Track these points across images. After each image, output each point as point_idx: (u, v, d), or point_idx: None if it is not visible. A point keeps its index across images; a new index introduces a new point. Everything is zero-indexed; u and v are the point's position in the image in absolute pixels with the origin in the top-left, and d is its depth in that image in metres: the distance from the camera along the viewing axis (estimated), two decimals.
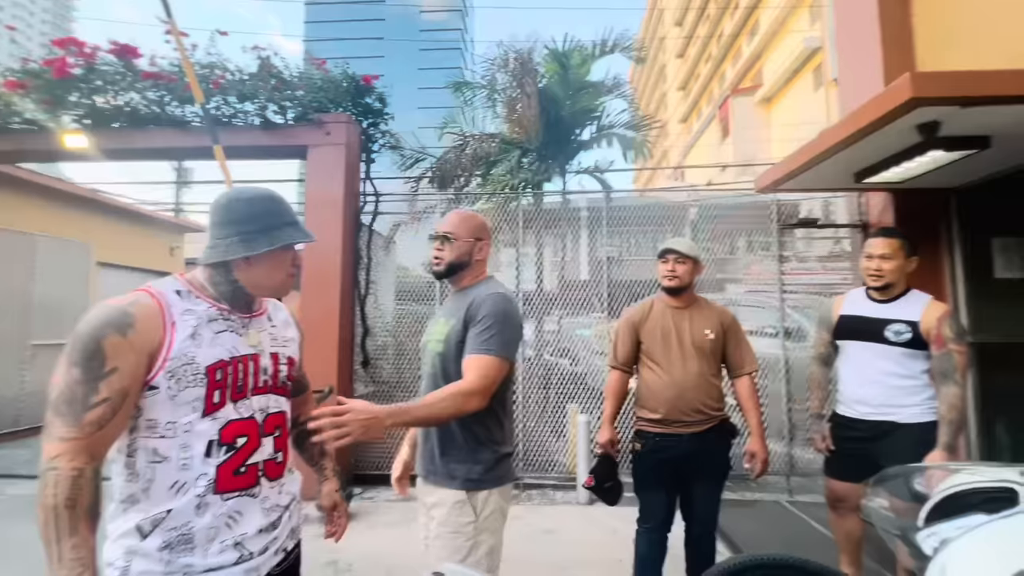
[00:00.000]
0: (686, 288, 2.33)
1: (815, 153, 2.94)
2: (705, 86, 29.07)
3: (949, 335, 2.11)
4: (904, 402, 2.20)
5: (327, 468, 1.49)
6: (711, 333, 2.29)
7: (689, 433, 2.24)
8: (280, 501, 1.18)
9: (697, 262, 2.32)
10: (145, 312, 1.02)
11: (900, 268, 2.25)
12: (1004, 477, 0.97)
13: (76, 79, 4.16)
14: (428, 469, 1.61)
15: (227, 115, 4.31)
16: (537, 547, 3.28)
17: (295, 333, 1.34)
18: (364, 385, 4.58)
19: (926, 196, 3.52)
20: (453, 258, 1.65)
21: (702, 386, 2.25)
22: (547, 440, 4.55)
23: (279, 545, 1.17)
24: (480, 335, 1.50)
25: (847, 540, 2.44)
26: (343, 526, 1.52)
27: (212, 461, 1.05)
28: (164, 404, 1.01)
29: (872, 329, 2.27)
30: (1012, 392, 3.52)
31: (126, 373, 0.97)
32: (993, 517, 0.87)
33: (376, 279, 4.63)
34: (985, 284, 3.49)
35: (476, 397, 1.43)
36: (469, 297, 1.59)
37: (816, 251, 4.70)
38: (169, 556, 1.00)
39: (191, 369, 1.03)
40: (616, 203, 5.04)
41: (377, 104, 4.58)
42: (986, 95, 2.17)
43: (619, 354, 2.42)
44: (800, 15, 18.57)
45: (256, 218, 1.11)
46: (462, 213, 1.74)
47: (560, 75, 5.85)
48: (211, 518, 1.04)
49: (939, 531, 0.93)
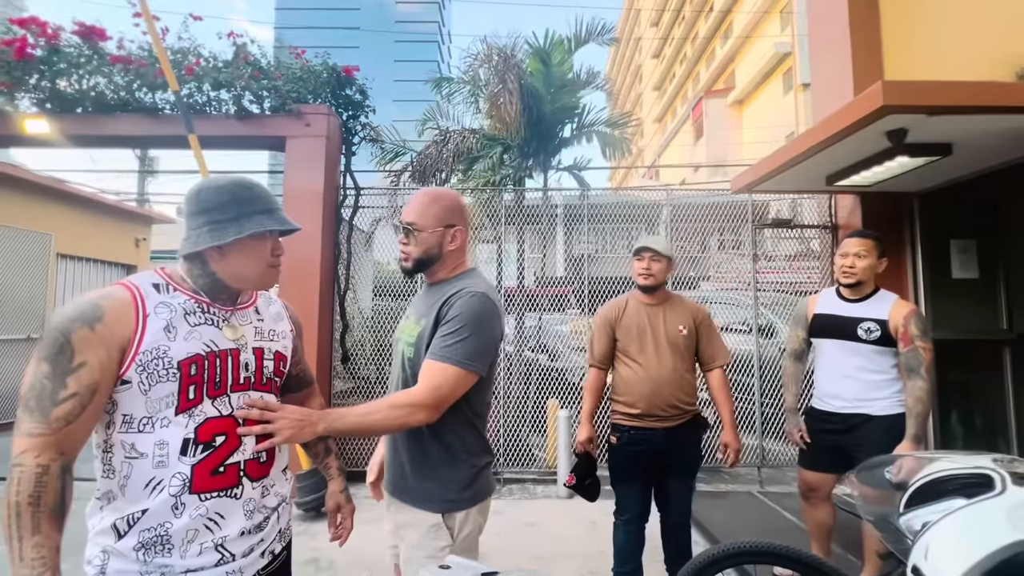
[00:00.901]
0: (660, 285, 2.39)
1: (790, 156, 3.05)
2: (680, 87, 29.59)
3: (915, 332, 2.24)
4: (875, 396, 2.33)
5: (332, 467, 1.43)
6: (684, 329, 2.35)
7: (663, 428, 2.30)
8: (267, 503, 1.14)
9: (671, 260, 2.37)
10: (116, 305, 0.99)
11: (871, 267, 2.38)
12: (979, 464, 1.05)
13: (37, 61, 3.95)
14: (397, 485, 1.42)
15: (200, 103, 4.18)
16: (519, 540, 3.32)
17: (288, 327, 1.29)
18: (343, 381, 4.52)
19: (891, 199, 3.70)
20: (419, 253, 1.41)
21: (677, 381, 2.31)
22: (527, 435, 4.59)
23: (265, 547, 1.14)
24: (444, 339, 1.30)
25: (819, 528, 2.56)
26: (348, 528, 1.45)
27: (187, 460, 1.01)
28: (137, 399, 0.99)
29: (844, 327, 2.40)
30: (965, 386, 3.76)
31: (95, 367, 0.94)
32: (971, 501, 0.95)
33: (354, 274, 4.58)
34: (943, 283, 3.70)
35: (424, 411, 1.25)
36: (444, 293, 1.38)
37: (783, 250, 4.86)
38: (145, 556, 0.98)
39: (163, 363, 1.00)
40: (592, 200, 5.10)
41: (358, 96, 4.51)
42: (951, 104, 2.30)
43: (596, 352, 2.46)
44: (771, 20, 19.08)
45: (225, 206, 1.07)
46: (429, 194, 1.46)
47: (542, 72, 5.88)
48: (189, 519, 1.01)
49: (920, 515, 1.00)
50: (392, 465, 1.46)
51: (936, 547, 0.87)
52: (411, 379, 1.37)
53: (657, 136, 31.71)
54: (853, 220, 3.89)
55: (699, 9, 25.75)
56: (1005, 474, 0.98)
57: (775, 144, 11.93)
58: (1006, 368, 3.71)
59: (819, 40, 4.22)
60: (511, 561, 2.93)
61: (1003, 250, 3.74)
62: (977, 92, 2.39)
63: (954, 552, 0.87)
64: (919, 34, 3.46)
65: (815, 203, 4.44)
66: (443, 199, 1.45)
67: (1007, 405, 3.70)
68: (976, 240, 3.74)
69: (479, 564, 0.91)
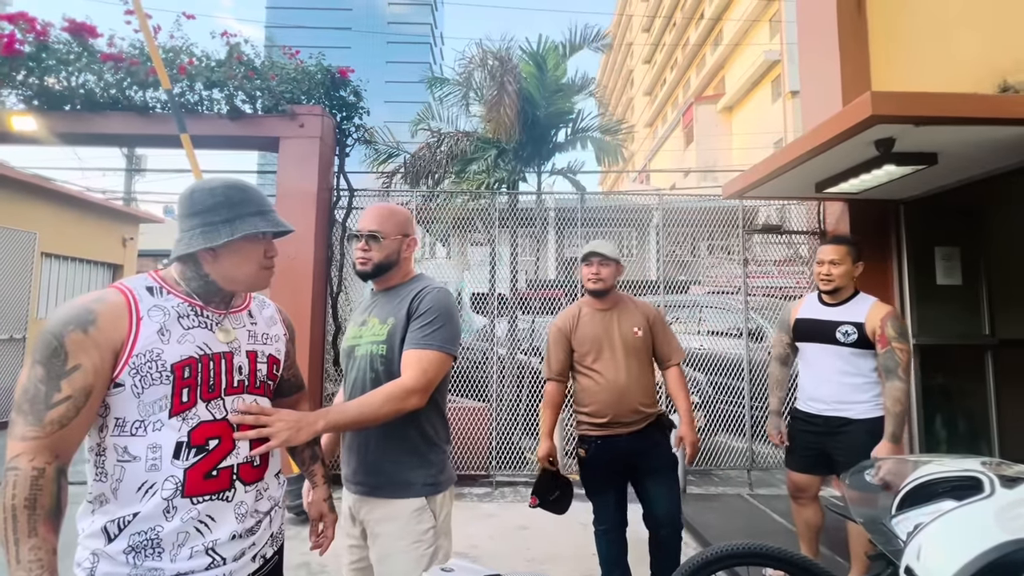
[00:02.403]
0: (610, 289, 2.38)
1: (780, 164, 3.11)
2: (671, 92, 29.89)
3: (892, 334, 2.30)
4: (855, 399, 2.38)
5: (317, 475, 1.43)
6: (639, 330, 2.34)
7: (628, 433, 2.28)
8: (259, 507, 1.14)
9: (619, 264, 2.37)
10: (109, 308, 0.99)
11: (848, 273, 2.44)
12: (968, 467, 1.09)
13: (26, 57, 3.89)
14: (371, 483, 1.47)
15: (192, 102, 4.14)
16: (512, 543, 3.32)
17: (281, 330, 1.30)
18: (334, 384, 4.50)
19: (878, 206, 3.78)
20: (381, 258, 1.54)
21: (637, 385, 2.30)
22: (520, 438, 4.60)
23: (257, 552, 1.14)
24: (422, 329, 1.43)
25: (807, 528, 2.60)
26: (329, 538, 1.45)
27: (180, 464, 1.01)
28: (130, 402, 0.99)
29: (824, 331, 2.46)
30: (948, 390, 3.84)
31: (89, 370, 0.94)
32: (961, 503, 0.98)
33: (346, 276, 4.56)
34: (928, 289, 3.78)
35: (416, 395, 1.36)
36: (406, 294, 1.52)
37: (772, 255, 4.94)
38: (134, 560, 0.98)
39: (156, 366, 1.00)
40: (585, 204, 5.14)
41: (352, 98, 4.50)
42: (938, 115, 2.36)
43: (553, 365, 2.40)
44: (761, 28, 19.36)
45: (218, 208, 1.07)
46: (387, 208, 1.61)
47: (537, 76, 5.91)
48: (180, 522, 1.00)
49: (912, 517, 1.04)
50: (360, 465, 1.50)
51: (928, 548, 0.90)
52: (383, 375, 1.45)
53: (648, 141, 31.97)
54: (841, 226, 3.96)
55: (690, 16, 26.05)
56: (993, 477, 1.01)
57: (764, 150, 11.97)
58: (988, 372, 3.80)
59: (808, 49, 4.30)
60: (504, 564, 2.93)
61: (986, 258, 3.83)
62: (962, 104, 2.45)
63: (946, 553, 0.90)
64: (905, 47, 3.55)
65: (804, 209, 4.51)
66: (399, 213, 1.61)
67: (989, 409, 3.78)
68: (960, 247, 3.83)
69: (481, 567, 0.92)
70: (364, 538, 1.52)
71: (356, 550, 1.55)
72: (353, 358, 1.54)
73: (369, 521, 1.48)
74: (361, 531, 1.52)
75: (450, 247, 6.51)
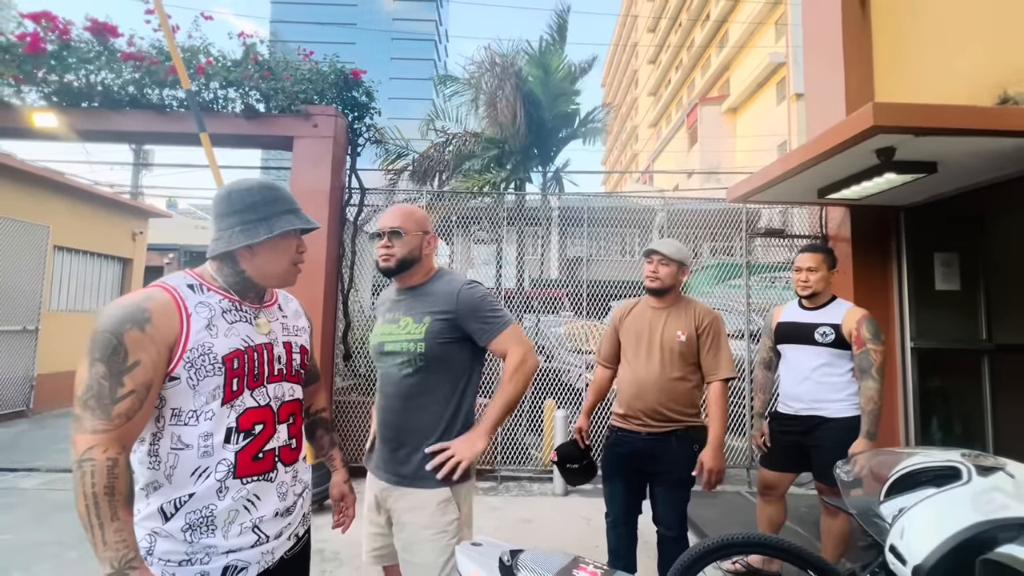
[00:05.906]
0: (668, 289, 2.33)
1: (784, 170, 3.18)
2: (675, 93, 29.88)
3: (867, 335, 2.40)
4: (831, 398, 2.49)
5: (336, 459, 1.53)
6: (682, 335, 2.26)
7: (646, 432, 2.25)
8: (295, 488, 1.23)
9: (681, 265, 2.31)
10: (161, 306, 1.05)
11: (824, 278, 2.57)
12: (949, 458, 1.20)
13: (48, 55, 3.99)
14: (402, 473, 1.53)
15: (207, 101, 4.23)
16: (516, 535, 3.41)
17: (306, 323, 1.39)
18: (343, 379, 4.59)
19: (879, 212, 3.85)
20: (404, 253, 1.58)
21: (663, 387, 2.23)
22: (524, 435, 4.69)
23: (292, 531, 1.22)
24: (488, 318, 1.54)
25: (769, 524, 2.72)
26: (351, 516, 1.55)
27: (231, 447, 1.09)
28: (186, 393, 1.06)
29: (803, 332, 2.58)
30: (945, 393, 3.91)
31: (148, 365, 1.01)
32: (941, 489, 1.09)
33: (357, 274, 4.65)
34: (927, 294, 3.85)
35: (531, 355, 1.55)
36: (436, 292, 1.58)
37: (774, 258, 5.01)
38: (191, 537, 1.06)
39: (209, 359, 1.07)
40: (589, 204, 5.21)
41: (364, 98, 4.59)
42: (938, 126, 2.44)
43: (602, 351, 2.54)
44: (767, 31, 19.37)
45: (256, 207, 1.14)
46: (406, 208, 1.66)
47: (541, 79, 5.99)
48: (231, 500, 1.09)
49: (898, 502, 1.14)
50: (393, 456, 1.55)
51: (910, 528, 1.01)
52: (423, 371, 1.53)
53: (652, 142, 31.98)
54: (843, 231, 4.04)
55: (695, 17, 26.06)
56: (971, 466, 1.12)
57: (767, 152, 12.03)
58: (984, 377, 3.87)
59: (814, 54, 4.36)
60: None
61: (984, 264, 3.90)
62: (961, 115, 2.53)
63: (926, 532, 1.00)
64: (909, 54, 3.61)
65: (805, 212, 4.59)
66: (418, 212, 1.67)
67: (984, 412, 3.86)
68: (958, 254, 3.90)
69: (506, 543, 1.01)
70: (388, 526, 1.58)
71: (379, 537, 1.61)
72: (386, 355, 1.60)
73: (396, 510, 1.54)
74: (386, 519, 1.58)
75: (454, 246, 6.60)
